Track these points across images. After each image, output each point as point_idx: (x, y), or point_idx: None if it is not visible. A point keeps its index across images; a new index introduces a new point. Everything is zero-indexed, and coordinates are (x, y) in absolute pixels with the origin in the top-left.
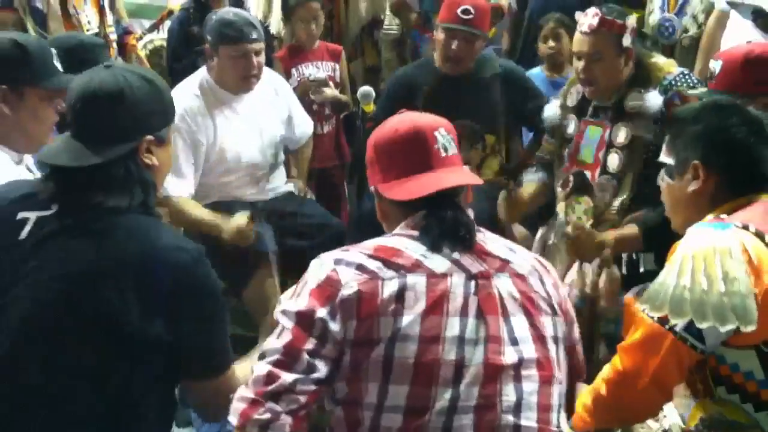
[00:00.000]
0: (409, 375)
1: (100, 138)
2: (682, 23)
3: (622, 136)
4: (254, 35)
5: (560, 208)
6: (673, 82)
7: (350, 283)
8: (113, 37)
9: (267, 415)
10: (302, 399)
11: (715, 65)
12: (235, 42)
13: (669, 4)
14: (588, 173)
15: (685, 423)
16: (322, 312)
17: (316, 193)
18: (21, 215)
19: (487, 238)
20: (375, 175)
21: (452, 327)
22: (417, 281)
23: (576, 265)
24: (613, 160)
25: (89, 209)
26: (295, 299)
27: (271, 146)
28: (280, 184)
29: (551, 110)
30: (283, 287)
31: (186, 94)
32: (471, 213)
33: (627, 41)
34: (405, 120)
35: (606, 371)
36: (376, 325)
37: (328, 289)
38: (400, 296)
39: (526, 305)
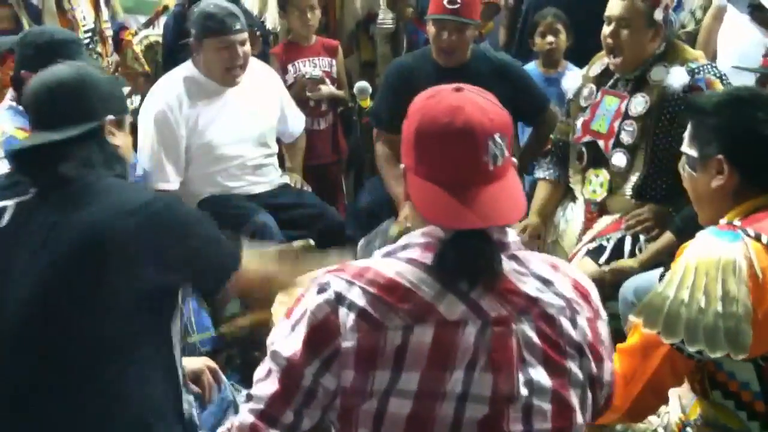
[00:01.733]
0: (401, 430)
1: (64, 121)
2: (680, 18)
3: (640, 105)
4: (237, 26)
5: (576, 181)
6: (701, 68)
7: (349, 334)
8: (109, 32)
9: None
10: None
11: None
12: (218, 34)
13: None
14: (601, 143)
15: (686, 413)
16: (313, 366)
17: (313, 189)
18: None
19: (519, 267)
20: (408, 156)
21: (455, 382)
22: (424, 333)
23: (576, 259)
24: (628, 131)
25: (66, 184)
26: (287, 335)
27: (261, 136)
28: (274, 176)
29: (573, 80)
30: None
31: (166, 89)
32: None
33: (659, 15)
34: (462, 111)
35: None
36: (372, 378)
37: (323, 336)
38: (402, 350)
39: (548, 352)
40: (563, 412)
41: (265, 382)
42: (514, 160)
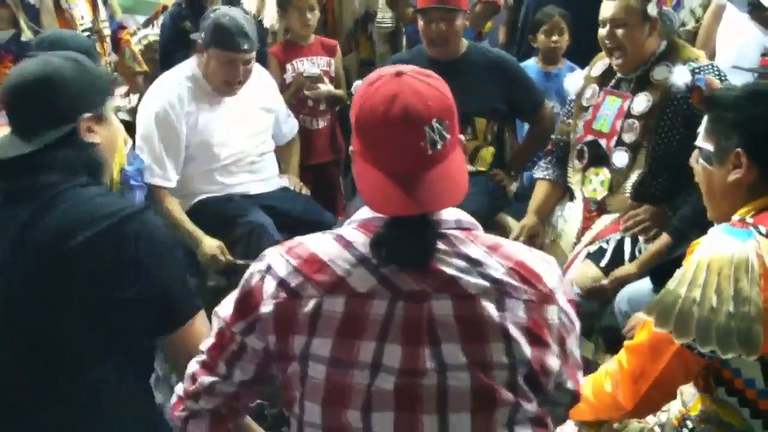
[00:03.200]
0: (320, 395)
1: (36, 125)
2: (680, 17)
3: (642, 104)
4: (245, 46)
5: (576, 180)
6: (702, 68)
7: (268, 300)
8: (107, 32)
9: (185, 413)
10: (221, 398)
11: None
12: (225, 49)
13: None
14: (603, 142)
15: (686, 407)
16: (238, 326)
17: (311, 189)
18: None
19: (444, 246)
20: (354, 141)
21: (365, 352)
22: (335, 303)
23: (577, 262)
24: (630, 130)
25: (35, 191)
26: (228, 299)
27: (256, 134)
28: (272, 174)
29: (575, 80)
30: None
31: (172, 83)
32: (454, 215)
33: (652, 10)
34: (398, 99)
35: (610, 367)
36: (291, 341)
37: (248, 302)
38: (314, 317)
39: (464, 330)
40: (483, 390)
41: (209, 337)
42: (462, 138)
